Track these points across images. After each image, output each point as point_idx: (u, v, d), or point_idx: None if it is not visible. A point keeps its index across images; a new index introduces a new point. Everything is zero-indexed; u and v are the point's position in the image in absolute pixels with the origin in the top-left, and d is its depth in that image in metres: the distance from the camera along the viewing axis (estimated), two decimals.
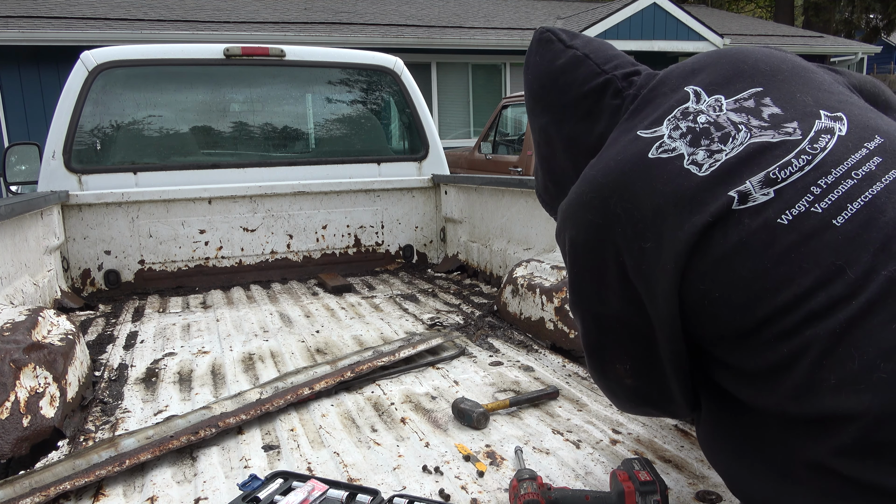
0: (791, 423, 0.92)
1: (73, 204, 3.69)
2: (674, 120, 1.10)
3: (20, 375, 1.78)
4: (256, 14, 12.16)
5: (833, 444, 0.86)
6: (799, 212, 0.94)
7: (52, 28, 9.84)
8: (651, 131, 1.11)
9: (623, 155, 1.11)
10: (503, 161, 6.73)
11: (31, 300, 2.89)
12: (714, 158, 1.02)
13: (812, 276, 0.90)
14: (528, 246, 3.48)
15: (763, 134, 1.03)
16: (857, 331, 0.86)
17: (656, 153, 1.07)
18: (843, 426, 0.85)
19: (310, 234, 4.21)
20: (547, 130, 1.37)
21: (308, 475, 1.52)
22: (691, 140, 1.06)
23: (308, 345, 2.71)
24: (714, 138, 1.05)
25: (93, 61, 3.73)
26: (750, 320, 0.95)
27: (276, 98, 4.29)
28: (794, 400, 0.91)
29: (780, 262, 0.93)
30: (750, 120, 1.05)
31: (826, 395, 0.86)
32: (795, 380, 0.90)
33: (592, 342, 1.25)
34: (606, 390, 1.31)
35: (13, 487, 1.50)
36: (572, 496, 1.35)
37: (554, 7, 15.30)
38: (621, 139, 1.15)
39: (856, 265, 0.89)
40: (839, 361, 0.86)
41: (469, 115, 12.84)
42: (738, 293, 0.96)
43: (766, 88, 1.10)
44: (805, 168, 0.97)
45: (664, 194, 1.03)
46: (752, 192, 0.97)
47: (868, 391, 0.83)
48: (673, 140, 1.07)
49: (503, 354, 2.52)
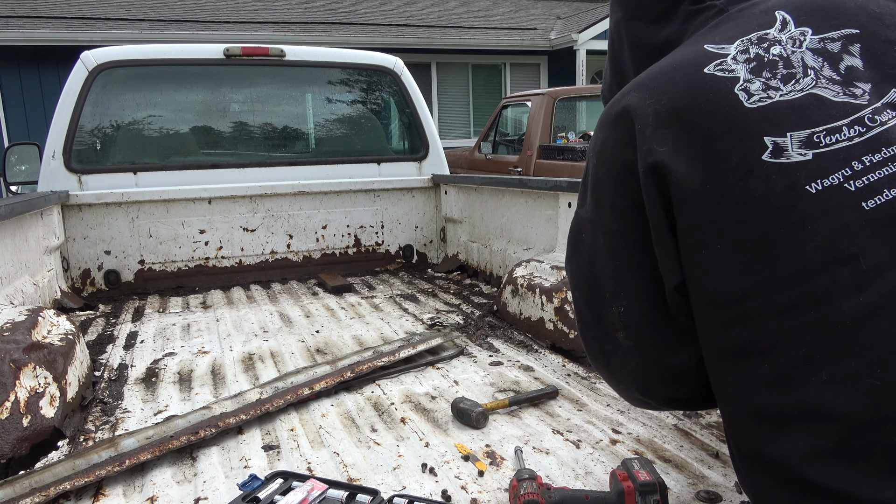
0: (763, 415, 0.88)
1: (73, 204, 3.69)
2: (746, 42, 1.01)
3: (20, 375, 1.79)
4: (256, 14, 12.16)
5: (807, 444, 0.82)
6: (831, 184, 0.86)
7: (52, 28, 9.84)
8: (718, 47, 1.02)
9: (678, 62, 1.04)
10: (503, 161, 6.73)
11: (31, 300, 2.89)
12: (767, 94, 0.94)
13: (820, 254, 0.84)
14: (528, 246, 3.48)
15: (827, 87, 0.93)
16: (860, 331, 0.81)
17: (712, 69, 0.99)
18: (821, 426, 0.81)
19: (310, 234, 4.21)
20: (619, 27, 1.30)
21: (308, 475, 1.52)
22: (754, 68, 0.97)
23: (308, 345, 2.71)
24: (777, 74, 0.96)
25: (93, 61, 3.73)
26: (742, 285, 0.89)
27: (276, 98, 4.29)
28: (772, 388, 0.86)
29: (793, 232, 0.86)
30: (823, 66, 0.96)
31: (810, 389, 0.82)
32: (778, 366, 0.85)
33: (592, 272, 1.14)
34: (601, 359, 1.21)
35: (13, 487, 1.50)
36: (572, 496, 1.35)
37: (554, 7, 15.30)
38: (686, 49, 1.07)
39: (870, 256, 0.82)
40: (835, 358, 0.81)
41: (469, 115, 12.84)
42: (737, 254, 0.90)
43: (862, 32, 0.98)
44: (854, 139, 0.88)
45: (701, 111, 0.95)
46: (789, 149, 0.89)
47: (857, 394, 0.79)
48: (736, 62, 0.98)
49: (503, 354, 2.52)
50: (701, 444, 1.71)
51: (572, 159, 5.58)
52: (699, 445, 1.70)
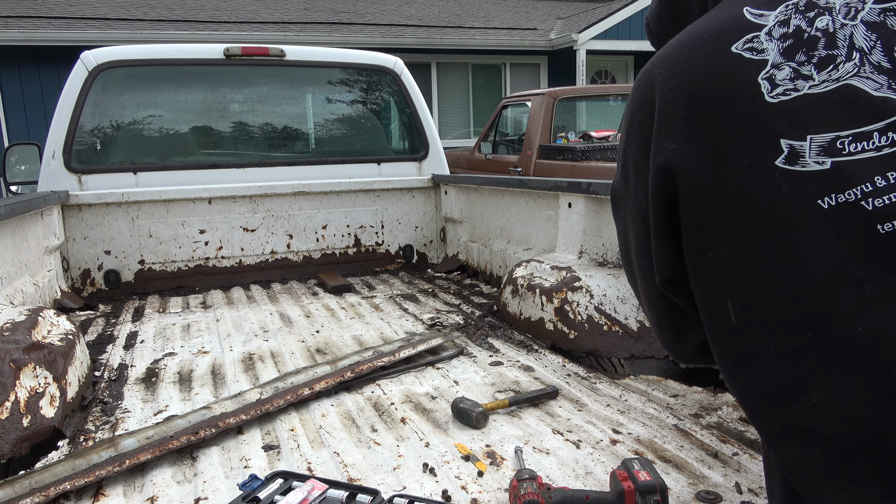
0: (760, 423, 0.86)
1: (73, 204, 3.69)
2: (790, 9, 0.88)
3: (20, 375, 1.79)
4: (256, 14, 12.16)
5: (796, 460, 0.80)
6: (846, 200, 0.77)
7: (52, 28, 9.84)
8: (757, 13, 0.90)
9: (710, 31, 0.93)
10: (503, 161, 6.73)
11: (31, 300, 2.89)
12: (794, 85, 0.83)
13: (824, 276, 0.78)
14: (528, 246, 3.48)
15: (870, 78, 0.81)
16: (858, 360, 0.76)
17: (741, 47, 0.87)
18: (809, 446, 0.79)
19: (310, 234, 4.21)
20: None
21: (308, 475, 1.52)
22: (788, 48, 0.85)
23: (308, 345, 2.71)
24: (814, 57, 0.84)
25: (93, 61, 3.73)
26: (746, 294, 0.84)
27: (276, 98, 4.29)
28: (765, 402, 0.84)
29: (799, 248, 0.79)
30: (874, 48, 0.82)
31: (801, 409, 0.80)
32: (771, 381, 0.82)
33: (624, 243, 1.11)
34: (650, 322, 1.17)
35: (13, 487, 1.50)
36: (572, 496, 1.35)
37: (554, 7, 15.30)
38: (724, 10, 0.95)
39: (876, 284, 0.76)
40: (829, 383, 0.78)
41: (469, 115, 12.84)
42: (744, 260, 0.84)
43: None
44: (883, 149, 0.78)
45: (718, 103, 0.86)
46: (806, 155, 0.80)
47: (848, 422, 0.76)
48: (770, 38, 0.86)
49: (503, 354, 2.52)
50: (701, 444, 1.71)
51: (572, 159, 5.58)
52: (699, 445, 1.70)
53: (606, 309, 2.46)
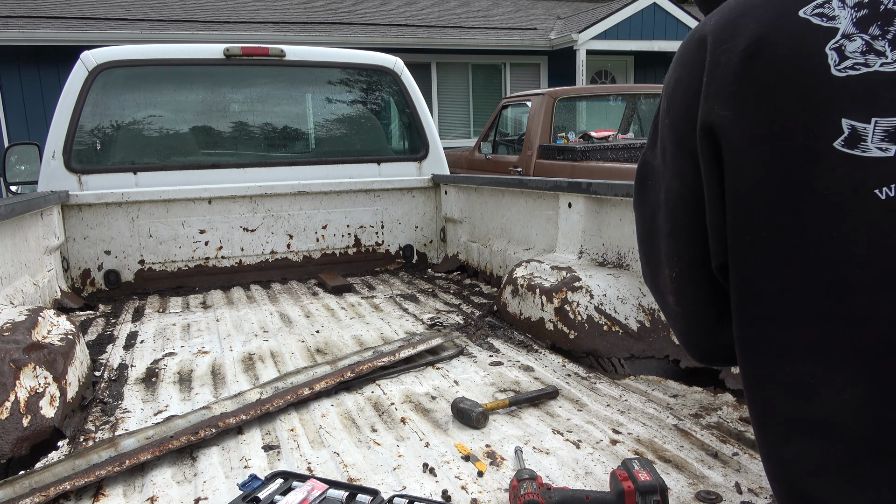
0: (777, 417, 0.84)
1: (73, 204, 3.69)
2: None
3: (20, 375, 1.79)
4: (256, 14, 12.16)
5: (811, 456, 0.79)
6: None
7: (52, 28, 9.84)
8: None
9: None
10: (503, 161, 6.72)
11: (31, 300, 2.89)
12: (865, 60, 0.76)
13: (872, 271, 0.73)
14: (528, 246, 3.48)
15: None
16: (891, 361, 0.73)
17: (810, 12, 0.81)
18: (828, 442, 0.77)
19: (310, 234, 4.21)
20: None
21: (308, 475, 1.52)
22: (862, 18, 0.78)
23: (308, 345, 2.71)
24: (889, 32, 0.77)
25: (93, 61, 3.73)
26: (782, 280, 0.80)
27: (276, 98, 4.29)
28: (787, 394, 0.81)
29: (848, 239, 0.75)
30: None
31: (825, 403, 0.78)
32: (797, 373, 0.80)
33: (653, 227, 1.05)
34: (659, 306, 1.13)
35: (13, 487, 1.50)
36: (572, 496, 1.35)
37: (554, 7, 15.30)
38: None
39: None
40: (858, 380, 0.75)
41: (469, 115, 12.84)
42: (784, 246, 0.79)
43: None
44: None
45: (778, 72, 0.80)
46: (868, 139, 0.74)
47: (874, 421, 0.74)
48: (843, 6, 0.80)
49: (503, 354, 2.52)
50: (701, 444, 1.71)
51: (572, 159, 5.58)
52: (699, 445, 1.70)
53: (606, 309, 2.46)
